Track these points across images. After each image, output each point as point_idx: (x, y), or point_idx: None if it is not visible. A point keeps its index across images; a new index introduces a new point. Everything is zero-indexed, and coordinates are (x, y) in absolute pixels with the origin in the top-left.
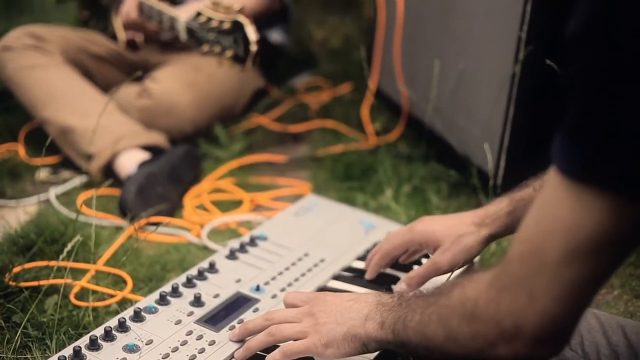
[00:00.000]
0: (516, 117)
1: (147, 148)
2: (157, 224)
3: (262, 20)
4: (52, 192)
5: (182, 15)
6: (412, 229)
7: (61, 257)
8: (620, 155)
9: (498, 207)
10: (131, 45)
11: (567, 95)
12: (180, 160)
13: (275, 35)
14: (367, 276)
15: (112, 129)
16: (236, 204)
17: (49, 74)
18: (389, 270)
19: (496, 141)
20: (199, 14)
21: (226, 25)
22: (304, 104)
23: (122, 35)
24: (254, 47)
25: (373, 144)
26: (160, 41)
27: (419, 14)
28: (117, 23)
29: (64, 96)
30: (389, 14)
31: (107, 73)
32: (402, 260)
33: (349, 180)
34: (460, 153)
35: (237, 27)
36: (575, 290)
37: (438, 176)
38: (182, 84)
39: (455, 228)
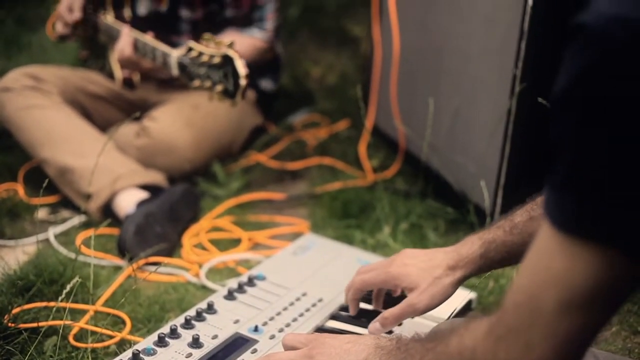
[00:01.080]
0: (512, 153)
1: (145, 187)
2: (155, 264)
3: (254, 69)
4: (51, 232)
5: (174, 50)
6: (388, 270)
7: (60, 298)
8: (611, 208)
9: (471, 250)
10: (128, 83)
11: (554, 148)
12: (179, 199)
13: (265, 83)
14: (351, 312)
15: (110, 168)
16: (235, 242)
17: (48, 115)
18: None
19: (493, 178)
20: (190, 49)
21: (216, 60)
22: (301, 141)
23: (118, 73)
24: (243, 81)
25: (371, 180)
26: (158, 80)
27: (414, 52)
28: (114, 61)
29: (62, 136)
30: (385, 51)
31: (105, 112)
32: (374, 296)
33: (347, 218)
34: (457, 190)
35: (227, 61)
36: (571, 340)
37: (435, 213)
38: (180, 123)
39: (430, 270)
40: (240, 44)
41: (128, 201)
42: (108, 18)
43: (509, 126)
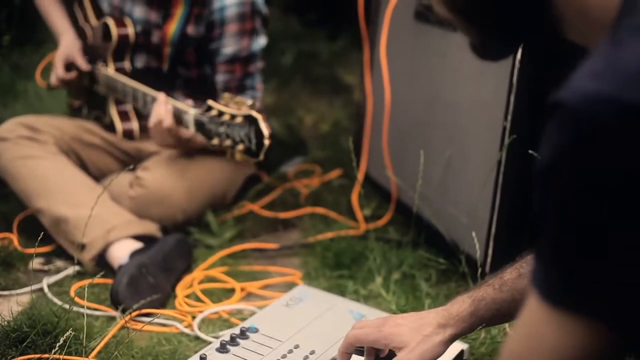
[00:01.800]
0: (502, 205)
1: (139, 237)
2: (149, 315)
3: None
4: (45, 282)
5: (191, 108)
6: (380, 329)
7: (53, 351)
8: (596, 283)
9: (461, 308)
10: (128, 135)
11: (539, 219)
12: (172, 250)
13: None
14: None
15: (104, 218)
16: (228, 293)
17: (43, 165)
18: None
19: (484, 229)
20: (209, 108)
21: (238, 120)
22: (294, 189)
23: (119, 125)
24: (267, 141)
25: (363, 229)
26: None
27: (406, 102)
28: (114, 113)
29: (57, 186)
30: (376, 100)
31: (100, 161)
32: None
33: (340, 268)
34: (448, 240)
35: (250, 121)
36: None
37: (427, 263)
38: (174, 173)
39: (421, 328)
40: None
41: (122, 252)
42: (109, 70)
43: (499, 178)
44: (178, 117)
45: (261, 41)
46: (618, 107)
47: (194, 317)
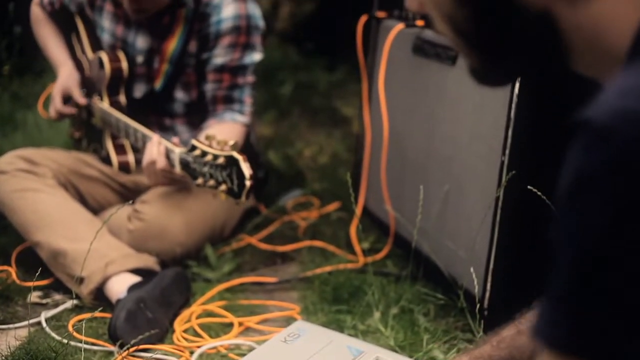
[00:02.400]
0: (501, 240)
1: (137, 270)
2: (147, 351)
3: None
4: (43, 316)
5: (177, 147)
6: None
7: None
8: (606, 328)
9: None
10: (124, 168)
11: (553, 253)
12: (170, 284)
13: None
14: None
15: (103, 252)
16: (226, 327)
17: (41, 198)
18: None
19: (482, 264)
20: (193, 147)
21: (220, 160)
22: (293, 222)
23: (115, 158)
24: (248, 182)
25: (361, 263)
26: None
27: (404, 135)
28: (110, 146)
29: (55, 220)
30: (375, 134)
31: (98, 194)
32: None
33: (338, 302)
34: (447, 274)
35: (232, 162)
36: None
37: (426, 298)
38: (172, 207)
39: None
40: (230, 134)
41: (120, 285)
42: (104, 104)
43: (497, 213)
44: (166, 155)
45: (255, 56)
46: None
47: (192, 353)
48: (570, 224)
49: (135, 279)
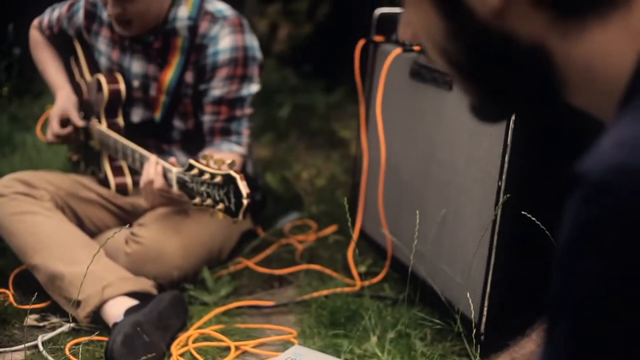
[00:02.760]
0: (497, 265)
1: (134, 294)
2: None
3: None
4: (40, 339)
5: (174, 167)
6: None
7: None
8: None
9: None
10: (122, 190)
11: (552, 308)
12: (167, 307)
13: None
14: None
15: (100, 275)
16: (223, 351)
17: (39, 221)
18: None
19: (479, 289)
20: (191, 167)
21: (218, 179)
22: (290, 245)
23: (112, 180)
24: (245, 201)
25: (358, 286)
26: None
27: (401, 159)
28: (108, 168)
29: (53, 243)
30: (372, 157)
31: (96, 217)
32: None
33: (335, 326)
34: (443, 298)
35: (229, 180)
36: None
37: (422, 322)
38: (169, 230)
39: None
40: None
41: (117, 309)
42: (102, 126)
43: (494, 238)
44: (163, 175)
45: (253, 88)
46: None
47: None
48: (568, 276)
49: (132, 302)
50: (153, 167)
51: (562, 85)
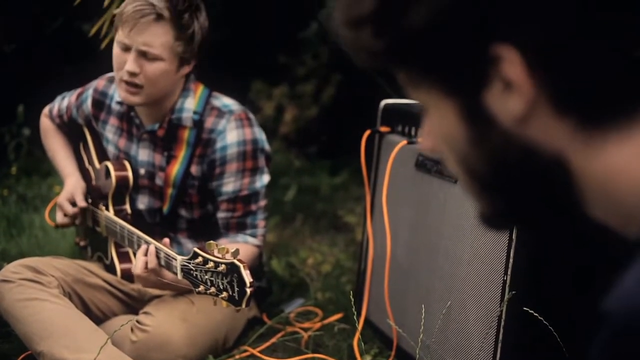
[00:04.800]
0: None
1: None
2: None
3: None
4: None
5: (179, 255)
6: None
7: None
8: None
9: None
10: (128, 277)
11: None
12: None
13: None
14: None
15: None
16: None
17: (45, 307)
18: None
19: None
20: (195, 255)
21: (222, 268)
22: (295, 332)
23: (119, 267)
24: (249, 290)
25: None
26: None
27: (407, 250)
28: (114, 254)
29: (59, 330)
30: (377, 245)
31: (102, 303)
32: None
33: None
34: None
35: (233, 269)
36: None
37: None
38: (175, 319)
39: None
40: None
41: None
42: (109, 212)
43: (499, 332)
44: (167, 263)
45: (265, 179)
46: None
47: None
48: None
49: None
50: (145, 248)
51: (581, 197)
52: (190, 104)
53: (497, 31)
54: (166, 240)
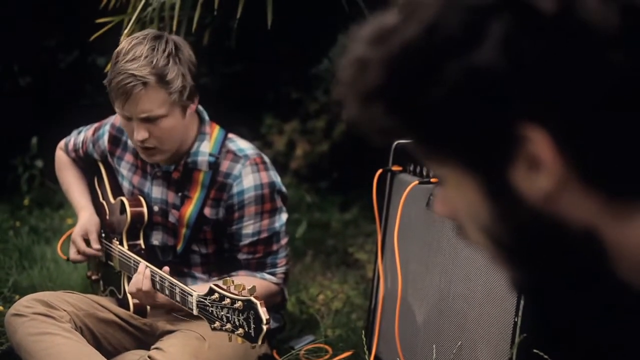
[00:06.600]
0: None
1: None
2: None
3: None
4: None
5: (195, 291)
6: None
7: None
8: None
9: None
10: (140, 312)
11: None
12: None
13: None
14: None
15: None
16: None
17: (57, 342)
18: None
19: None
20: (212, 291)
21: (238, 304)
22: None
23: (131, 302)
24: (265, 327)
25: None
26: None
27: (418, 289)
28: (128, 289)
29: None
30: (388, 283)
31: (113, 337)
32: None
33: None
34: None
35: (249, 306)
36: None
37: None
38: (187, 355)
39: None
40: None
41: None
42: (123, 248)
43: None
44: (182, 298)
45: (283, 217)
46: None
47: None
48: None
49: None
50: (140, 271)
51: (614, 265)
52: (206, 147)
53: (520, 109)
54: (166, 268)
